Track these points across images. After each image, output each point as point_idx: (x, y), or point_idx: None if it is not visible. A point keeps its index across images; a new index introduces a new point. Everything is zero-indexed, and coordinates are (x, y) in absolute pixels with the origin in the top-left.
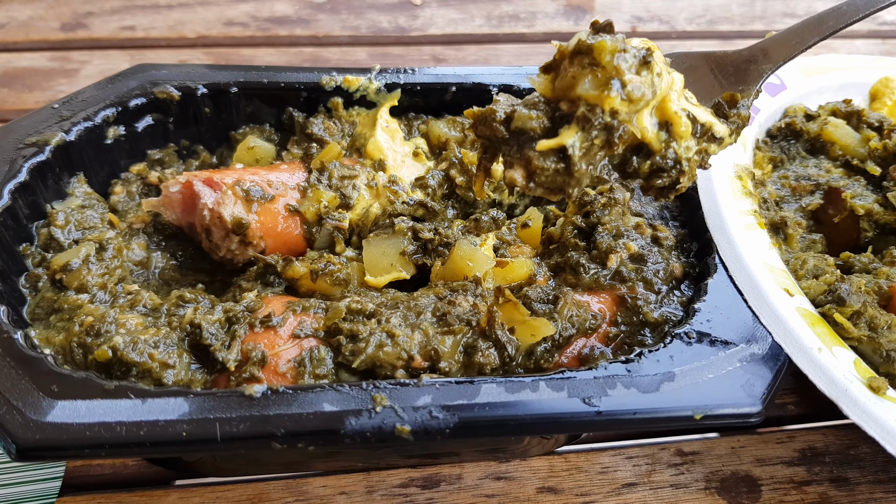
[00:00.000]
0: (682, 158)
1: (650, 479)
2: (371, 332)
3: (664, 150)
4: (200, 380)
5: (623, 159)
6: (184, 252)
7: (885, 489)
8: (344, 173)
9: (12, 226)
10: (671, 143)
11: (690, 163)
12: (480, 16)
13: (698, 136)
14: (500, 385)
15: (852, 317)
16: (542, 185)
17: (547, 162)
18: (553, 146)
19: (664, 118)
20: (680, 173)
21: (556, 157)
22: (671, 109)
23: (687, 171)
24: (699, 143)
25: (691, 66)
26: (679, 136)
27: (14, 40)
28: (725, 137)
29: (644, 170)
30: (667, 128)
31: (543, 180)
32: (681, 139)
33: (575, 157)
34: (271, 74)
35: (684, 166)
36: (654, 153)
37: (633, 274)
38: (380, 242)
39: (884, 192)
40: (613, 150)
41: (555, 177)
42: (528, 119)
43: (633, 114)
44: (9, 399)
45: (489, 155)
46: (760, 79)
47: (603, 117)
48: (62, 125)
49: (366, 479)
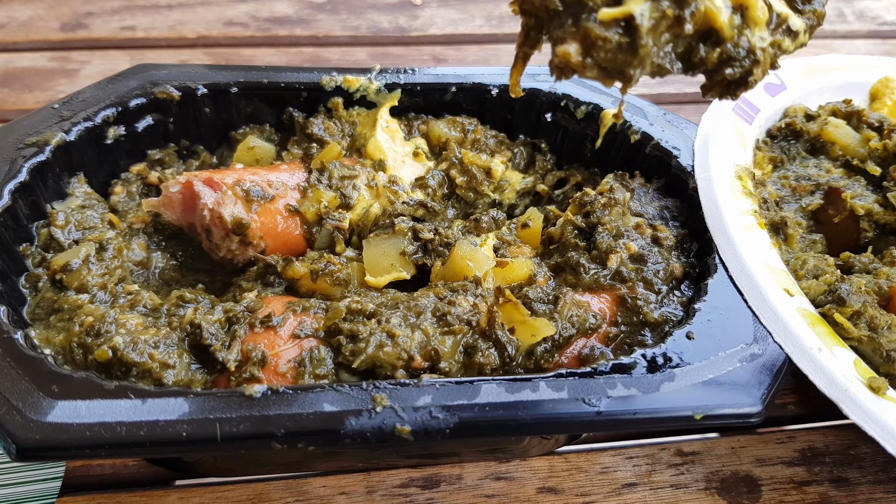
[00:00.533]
0: (755, 48)
1: (650, 479)
2: (371, 332)
3: (737, 37)
4: (200, 380)
5: (689, 47)
6: (184, 252)
7: (885, 489)
8: (344, 173)
9: (12, 226)
10: (744, 31)
11: (765, 54)
12: (480, 16)
13: (773, 27)
14: (501, 385)
15: (852, 317)
16: (599, 64)
17: (610, 32)
18: (618, 16)
19: (738, 2)
20: (754, 63)
21: (621, 29)
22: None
23: (761, 62)
24: (773, 35)
25: None
26: (754, 21)
27: (14, 40)
28: (801, 32)
29: (712, 59)
30: (741, 13)
31: (603, 57)
32: (755, 26)
33: (642, 29)
34: (271, 74)
35: (759, 55)
36: (724, 40)
37: (634, 274)
38: (380, 242)
39: (884, 192)
40: (683, 30)
41: (616, 53)
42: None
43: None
44: (9, 399)
45: (533, 37)
46: None
47: None
48: (62, 125)
49: (366, 480)
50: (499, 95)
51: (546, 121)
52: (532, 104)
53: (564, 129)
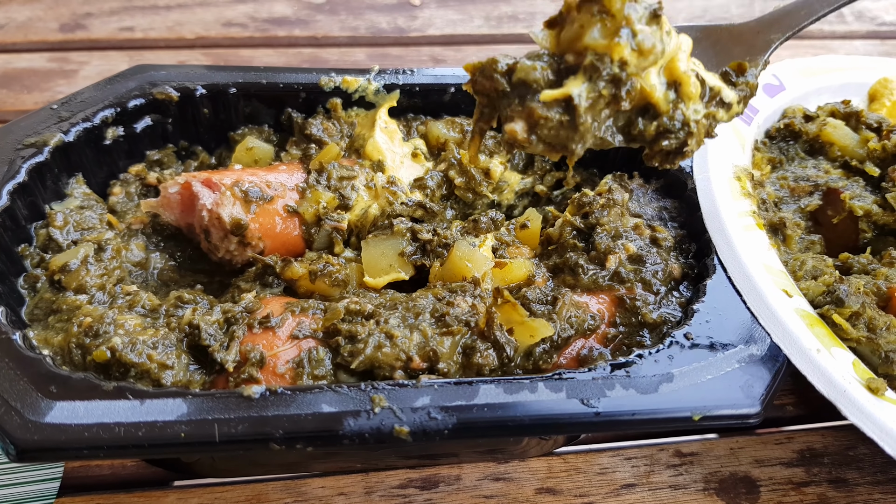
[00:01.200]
0: (690, 121)
1: (649, 479)
2: (370, 332)
3: (672, 111)
4: (199, 381)
5: (628, 121)
6: (182, 253)
7: (883, 490)
8: (343, 174)
9: (11, 226)
10: (679, 105)
11: (699, 125)
12: (479, 16)
13: (707, 100)
14: (499, 386)
15: (851, 318)
16: (543, 140)
17: (551, 112)
18: (558, 97)
19: (672, 78)
20: (688, 135)
21: (561, 108)
22: (680, 69)
23: (695, 134)
24: (707, 107)
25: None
26: (688, 96)
27: (13, 41)
28: (734, 104)
29: (650, 132)
30: (675, 88)
31: (546, 133)
32: (689, 100)
33: (581, 109)
34: (270, 75)
35: (692, 128)
36: (661, 114)
37: (632, 275)
38: (378, 243)
39: (882, 192)
40: (620, 106)
41: (558, 130)
42: (531, 70)
43: (642, 68)
44: (7, 400)
45: (487, 114)
46: (768, 49)
47: (612, 67)
48: (61, 126)
49: (364, 480)
50: None
51: None
52: None
53: None
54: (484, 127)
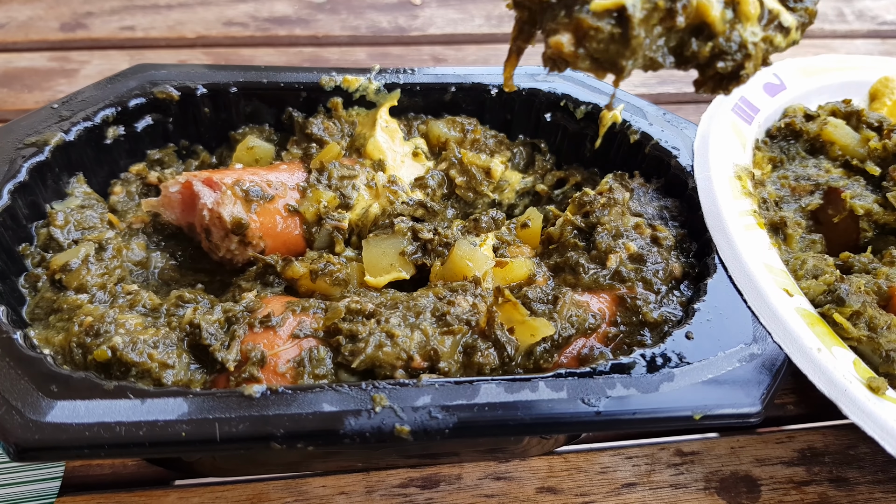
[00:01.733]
0: (747, 42)
1: (650, 479)
2: (370, 332)
3: (728, 31)
4: (200, 380)
5: (681, 41)
6: (183, 252)
7: (884, 489)
8: (343, 173)
9: (12, 226)
10: (736, 25)
11: (757, 48)
12: (480, 16)
13: (765, 23)
14: (500, 385)
15: (852, 317)
16: (591, 55)
17: (602, 23)
18: (611, 6)
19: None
20: (745, 57)
21: (613, 20)
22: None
23: (752, 57)
24: (765, 30)
25: None
26: (746, 16)
27: (14, 40)
28: (792, 29)
29: (704, 53)
30: (733, 7)
31: (595, 47)
32: (747, 21)
33: (634, 20)
34: (271, 74)
35: (750, 50)
36: (716, 35)
37: (633, 274)
38: (379, 242)
39: (883, 192)
40: (675, 22)
41: (608, 44)
42: None
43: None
44: (8, 399)
45: (527, 31)
46: None
47: None
48: (62, 125)
49: (365, 479)
50: (498, 95)
51: (545, 121)
52: (531, 104)
53: (564, 128)
54: (522, 46)
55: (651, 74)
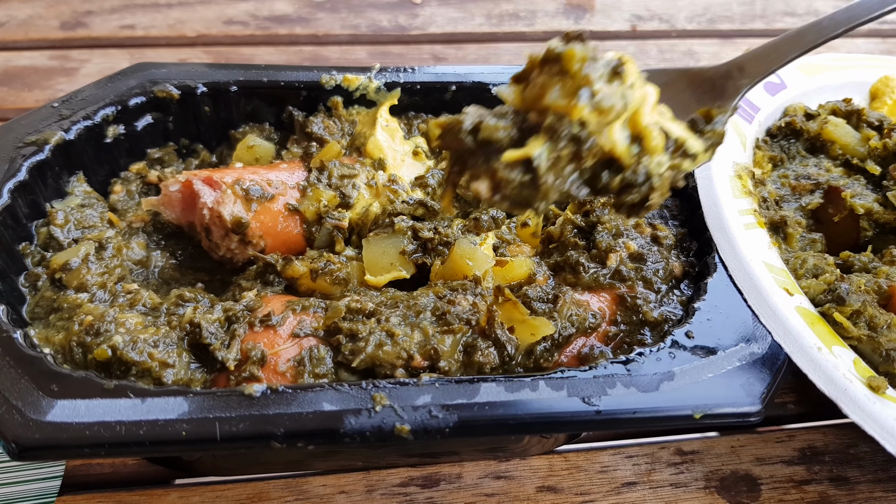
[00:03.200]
0: (653, 174)
1: (650, 478)
2: (371, 331)
3: (635, 164)
4: (200, 379)
5: (593, 174)
6: (183, 251)
7: (884, 488)
8: (344, 172)
9: (12, 225)
10: (642, 158)
11: (662, 179)
12: (480, 14)
13: (671, 152)
14: (500, 384)
15: (852, 316)
16: (507, 199)
17: (513, 174)
18: (519, 157)
19: (636, 132)
20: (650, 189)
21: (523, 169)
22: (643, 123)
23: (658, 188)
24: (672, 159)
25: (668, 83)
26: (650, 150)
27: (14, 39)
28: (699, 154)
29: (614, 185)
30: (638, 142)
31: (509, 193)
32: (652, 154)
33: (541, 170)
34: (271, 73)
35: (655, 182)
36: (624, 168)
37: (633, 273)
38: (379, 242)
39: (883, 191)
40: (582, 164)
41: (520, 190)
42: (494, 130)
43: (603, 126)
44: (8, 398)
45: (457, 169)
46: (738, 94)
47: (571, 127)
48: (62, 124)
49: (365, 479)
50: None
51: None
52: None
53: None
54: (455, 180)
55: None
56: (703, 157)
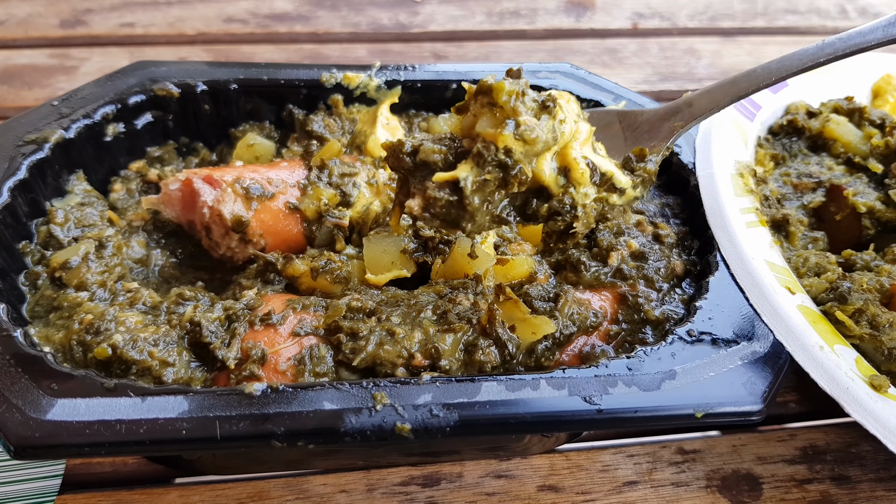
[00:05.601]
0: (578, 204)
1: (651, 477)
2: (371, 330)
3: (562, 194)
4: (200, 378)
5: (525, 201)
6: (183, 250)
7: (886, 487)
8: (344, 171)
9: (12, 223)
10: (569, 189)
11: (587, 209)
12: (481, 12)
13: (598, 185)
14: (501, 383)
15: (854, 315)
16: (436, 217)
17: (441, 193)
18: (448, 178)
19: (564, 164)
20: (574, 217)
21: (451, 189)
22: (571, 156)
23: (582, 217)
24: (599, 192)
25: (608, 123)
26: (577, 181)
27: (13, 37)
28: (628, 188)
29: (542, 212)
30: (565, 173)
31: (437, 211)
32: (578, 185)
33: (467, 191)
34: (271, 71)
35: (579, 212)
36: (552, 196)
37: (635, 272)
38: (380, 240)
39: (886, 189)
40: (510, 190)
41: (448, 209)
42: (431, 152)
43: (531, 156)
44: (8, 397)
45: (404, 190)
46: (672, 136)
47: (497, 154)
48: (61, 122)
49: (366, 478)
50: None
51: None
52: None
53: None
54: (402, 199)
55: (653, 72)
56: (632, 192)
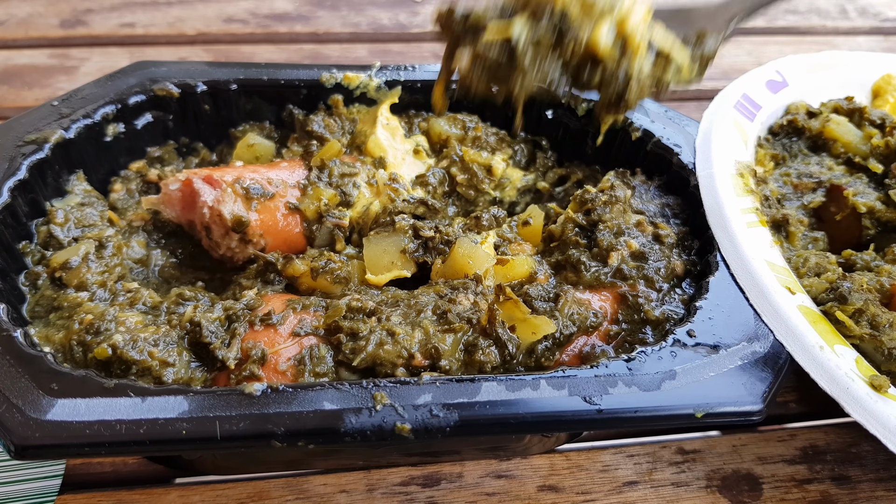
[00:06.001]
0: (632, 74)
1: (651, 477)
2: (371, 330)
3: (617, 63)
4: (200, 378)
5: (578, 67)
6: (183, 250)
7: (886, 487)
8: (344, 171)
9: (12, 223)
10: (624, 59)
11: (641, 80)
12: None
13: (654, 59)
14: (501, 383)
15: (854, 315)
16: (486, 71)
17: (492, 49)
18: (499, 36)
19: (622, 34)
20: (626, 86)
21: (503, 47)
22: (629, 26)
23: (634, 88)
24: (655, 66)
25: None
26: (632, 51)
27: (13, 37)
28: (684, 66)
29: (595, 80)
30: (622, 46)
31: (487, 66)
32: (634, 56)
33: (519, 47)
34: (271, 72)
35: (633, 83)
36: (606, 66)
37: (635, 272)
38: (380, 240)
39: (886, 189)
40: (565, 53)
41: (498, 66)
42: (482, 16)
43: (587, 20)
44: (8, 397)
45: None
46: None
47: (553, 15)
48: (62, 123)
49: (366, 478)
50: None
51: (547, 118)
52: (532, 101)
53: (565, 126)
54: (451, 67)
55: None
56: (687, 72)
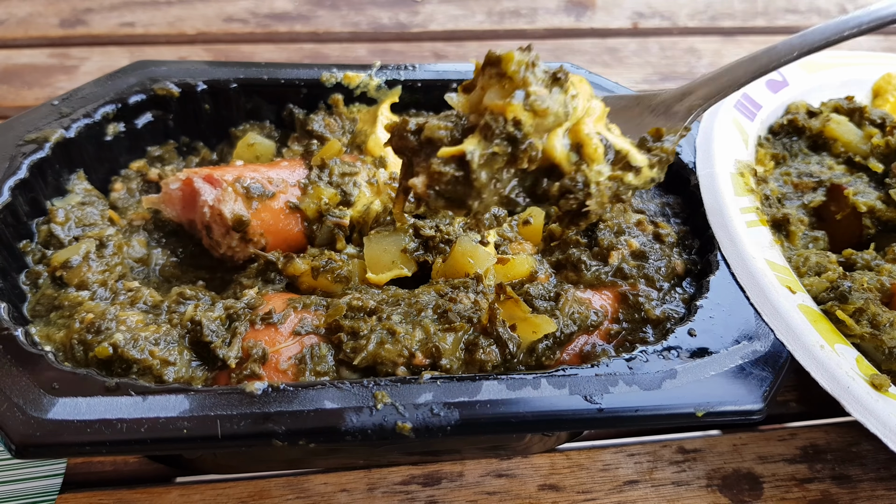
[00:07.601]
0: (591, 182)
1: (652, 476)
2: (372, 329)
3: (574, 171)
4: (201, 377)
5: (535, 181)
6: (184, 249)
7: (886, 486)
8: (345, 170)
9: (12, 223)
10: (581, 166)
11: (601, 188)
12: (481, 12)
13: (612, 163)
14: (502, 382)
15: (855, 314)
16: (442, 195)
17: (447, 168)
18: (454, 153)
19: (576, 140)
20: (587, 196)
21: (457, 165)
22: (584, 132)
23: (595, 195)
24: (613, 170)
25: (623, 107)
26: (590, 158)
27: (13, 37)
28: (644, 168)
29: (554, 191)
30: (578, 150)
31: (443, 188)
32: (592, 162)
33: (474, 165)
34: (271, 71)
35: (592, 189)
36: (564, 175)
37: (635, 271)
38: (381, 239)
39: (886, 188)
40: (520, 166)
41: (454, 186)
42: (436, 129)
43: (542, 130)
44: (9, 396)
45: (408, 173)
46: (689, 115)
47: (505, 126)
48: (62, 122)
49: (367, 477)
50: None
51: None
52: None
53: None
54: (405, 185)
55: (653, 71)
56: (648, 172)
